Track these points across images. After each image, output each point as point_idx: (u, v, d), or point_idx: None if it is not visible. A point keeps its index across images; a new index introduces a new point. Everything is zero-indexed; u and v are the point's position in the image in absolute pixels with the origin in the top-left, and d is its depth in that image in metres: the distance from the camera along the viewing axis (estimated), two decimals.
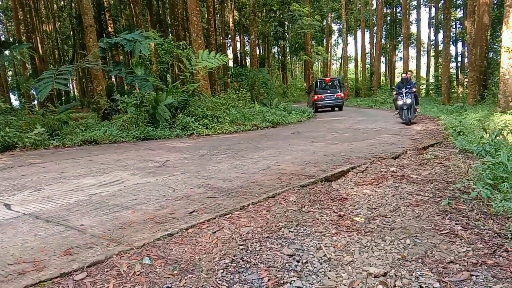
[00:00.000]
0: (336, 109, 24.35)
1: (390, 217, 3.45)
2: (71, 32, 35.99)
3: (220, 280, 2.29)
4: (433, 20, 41.68)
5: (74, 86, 45.81)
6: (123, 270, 2.34)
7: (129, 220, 3.24)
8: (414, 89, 12.86)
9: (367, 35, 45.64)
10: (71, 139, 9.92)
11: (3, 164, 6.63)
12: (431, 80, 37.81)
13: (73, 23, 30.77)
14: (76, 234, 2.91)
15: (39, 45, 32.45)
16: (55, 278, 2.20)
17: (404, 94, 12.72)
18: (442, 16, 27.45)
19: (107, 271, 2.33)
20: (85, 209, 3.58)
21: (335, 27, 60.77)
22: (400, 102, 12.90)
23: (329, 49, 55.36)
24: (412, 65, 43.70)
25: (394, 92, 13.64)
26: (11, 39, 34.69)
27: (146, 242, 2.72)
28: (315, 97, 23.76)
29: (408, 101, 12.63)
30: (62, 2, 37.39)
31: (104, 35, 21.90)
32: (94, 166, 6.09)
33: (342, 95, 24.19)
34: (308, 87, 28.71)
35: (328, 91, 23.91)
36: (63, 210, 3.57)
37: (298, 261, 2.55)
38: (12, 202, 3.92)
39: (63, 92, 33.00)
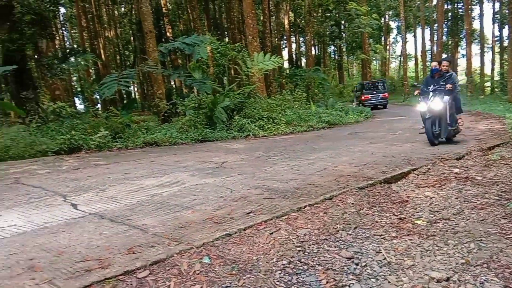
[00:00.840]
0: (380, 106, 25.99)
1: (453, 220, 3.32)
2: (132, 38, 37.43)
3: (278, 281, 2.29)
4: (497, 15, 39.52)
5: (135, 90, 47.53)
6: (184, 269, 2.40)
7: (189, 220, 3.32)
8: (449, 86, 7.49)
9: (427, 32, 44.14)
10: (133, 141, 10.29)
11: (69, 166, 6.95)
12: (496, 77, 35.88)
13: (134, 29, 31.98)
14: (139, 233, 3.01)
15: (102, 51, 34.01)
16: (120, 276, 2.28)
17: (432, 95, 7.60)
18: (507, 11, 25.91)
19: (168, 270, 2.40)
20: (147, 209, 3.70)
21: (393, 25, 59.19)
22: (422, 109, 7.68)
23: (388, 47, 53.97)
24: (476, 62, 41.83)
25: (416, 92, 8.21)
26: (75, 46, 36.59)
27: (205, 242, 2.77)
28: (363, 97, 25.75)
29: (437, 105, 7.43)
30: (123, 9, 38.91)
31: (163, 40, 22.59)
32: (155, 167, 6.29)
33: (387, 95, 26.23)
34: (354, 88, 29.67)
35: (374, 92, 26.17)
36: (127, 210, 3.70)
37: (357, 264, 2.52)
38: (78, 202, 4.10)
39: (125, 96, 34.36)
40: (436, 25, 39.67)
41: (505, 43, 33.43)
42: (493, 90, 34.66)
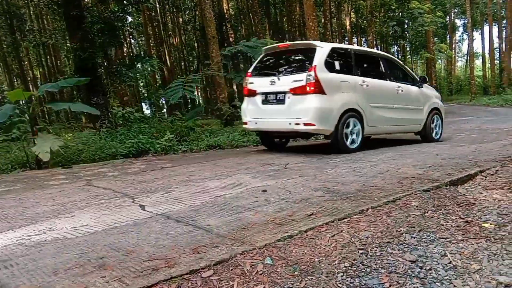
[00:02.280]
0: None
1: None
2: (195, 44, 38.44)
3: (340, 283, 2.30)
4: None
5: (199, 94, 48.65)
6: (246, 269, 2.45)
7: (251, 221, 3.38)
8: None
9: (495, 29, 41.94)
10: (197, 144, 10.55)
11: (137, 168, 7.20)
12: None
13: (197, 35, 32.83)
14: (203, 234, 3.09)
15: (167, 57, 35.20)
16: (185, 275, 2.35)
17: None
18: None
19: (231, 270, 2.45)
20: (211, 210, 3.79)
21: (459, 22, 56.80)
22: None
23: (453, 46, 51.83)
24: None
25: None
26: (141, 53, 38.04)
27: (267, 243, 2.81)
28: None
29: None
30: (187, 16, 40.04)
31: (225, 45, 23.02)
32: (218, 170, 6.41)
33: None
34: None
35: None
36: (191, 211, 3.80)
37: (421, 268, 2.48)
38: (146, 203, 4.24)
39: (189, 101, 35.23)
40: (504, 21, 37.52)
41: None
42: None
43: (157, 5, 35.39)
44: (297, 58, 8.05)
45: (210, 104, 32.31)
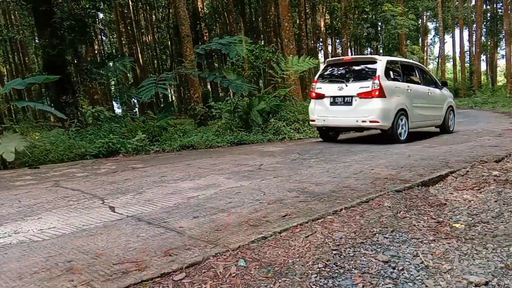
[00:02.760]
0: None
1: (492, 223, 3.24)
2: (169, 42, 38.04)
3: (313, 285, 2.29)
4: None
5: (172, 93, 48.27)
6: (220, 272, 2.42)
7: (225, 222, 3.35)
8: None
9: (465, 33, 42.98)
10: (170, 144, 10.42)
11: (107, 169, 7.07)
12: None
13: (171, 33, 32.50)
14: (175, 236, 3.05)
15: (139, 55, 34.76)
16: (156, 278, 2.32)
17: None
18: None
19: (204, 272, 2.42)
20: (184, 212, 3.75)
21: (431, 25, 58.04)
22: None
23: (425, 49, 52.85)
24: None
25: None
26: (113, 51, 37.51)
27: (241, 245, 2.79)
28: None
29: None
30: (160, 14, 39.64)
31: (199, 44, 22.90)
32: (191, 170, 6.36)
33: None
34: None
35: None
36: (163, 213, 3.75)
37: (393, 268, 2.49)
38: (116, 205, 4.16)
39: (161, 100, 34.90)
40: (474, 25, 38.62)
41: None
42: None
43: (130, 2, 34.95)
44: (360, 68, 9.60)
45: (184, 103, 32.10)
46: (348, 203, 3.77)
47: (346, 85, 9.23)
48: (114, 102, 37.86)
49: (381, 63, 9.12)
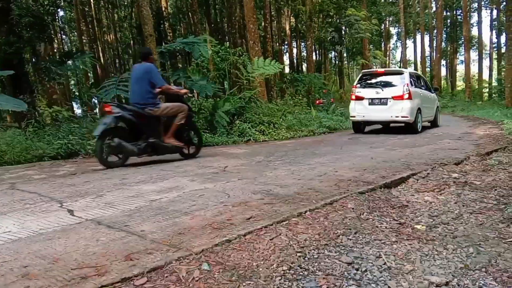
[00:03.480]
0: None
1: (452, 225, 3.33)
2: (132, 42, 37.46)
3: (278, 287, 2.28)
4: (495, 22, 39.88)
5: None
6: (182, 276, 2.38)
7: (188, 225, 3.30)
8: None
9: (426, 38, 44.39)
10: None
11: (66, 171, 6.88)
12: (494, 83, 36.07)
13: (134, 32, 31.99)
14: (137, 240, 2.98)
15: (101, 55, 34.00)
16: (116, 283, 2.25)
17: None
18: (504, 18, 26.01)
19: (166, 277, 2.37)
20: (146, 215, 3.67)
21: (393, 30, 59.56)
22: None
23: (388, 53, 54.15)
24: (474, 68, 42.10)
25: None
26: (74, 50, 36.58)
27: (204, 248, 2.75)
28: None
29: None
30: (123, 13, 38.96)
31: (163, 44, 22.62)
32: (154, 173, 6.26)
33: None
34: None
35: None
36: (124, 216, 3.66)
37: (357, 269, 2.51)
38: (75, 208, 4.04)
39: (123, 101, 34.27)
40: (435, 31, 39.93)
41: (503, 50, 33.54)
42: (491, 96, 34.92)
43: (91, 0, 34.18)
44: (391, 78, 12.60)
45: None
46: (312, 205, 3.78)
47: (382, 90, 12.15)
48: (74, 103, 36.91)
49: (407, 74, 12.29)
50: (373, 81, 12.88)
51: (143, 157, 7.45)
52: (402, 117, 11.76)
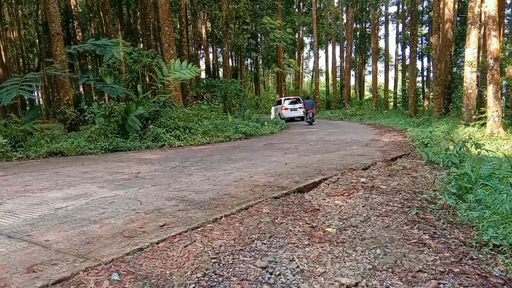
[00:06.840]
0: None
1: (361, 227, 3.48)
2: (37, 40, 35.21)
3: None
4: (401, 36, 42.95)
5: (40, 95, 44.70)
6: (90, 287, 2.27)
7: (97, 234, 3.15)
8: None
9: (337, 49, 46.63)
10: (36, 150, 9.64)
11: None
12: (399, 93, 38.70)
13: (39, 30, 30.05)
14: (40, 250, 2.81)
15: (2, 53, 31.54)
16: None
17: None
18: (409, 32, 28.19)
19: None
20: (50, 224, 3.47)
21: (307, 40, 61.72)
22: None
23: (301, 62, 55.94)
24: (381, 79, 44.82)
25: None
26: None
27: (114, 257, 2.65)
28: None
29: None
30: (28, 9, 36.48)
31: (72, 43, 21.52)
32: (60, 179, 5.93)
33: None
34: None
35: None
36: (27, 225, 3.44)
37: (271, 274, 2.53)
38: None
39: (27, 102, 32.18)
40: (345, 42, 41.98)
41: (407, 62, 36.17)
42: (396, 105, 37.38)
43: None
44: (295, 99, 27.82)
45: (53, 106, 29.86)
46: (228, 211, 3.78)
47: (295, 104, 25.77)
48: None
49: (300, 98, 25.91)
50: (290, 100, 26.89)
51: None
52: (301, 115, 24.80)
